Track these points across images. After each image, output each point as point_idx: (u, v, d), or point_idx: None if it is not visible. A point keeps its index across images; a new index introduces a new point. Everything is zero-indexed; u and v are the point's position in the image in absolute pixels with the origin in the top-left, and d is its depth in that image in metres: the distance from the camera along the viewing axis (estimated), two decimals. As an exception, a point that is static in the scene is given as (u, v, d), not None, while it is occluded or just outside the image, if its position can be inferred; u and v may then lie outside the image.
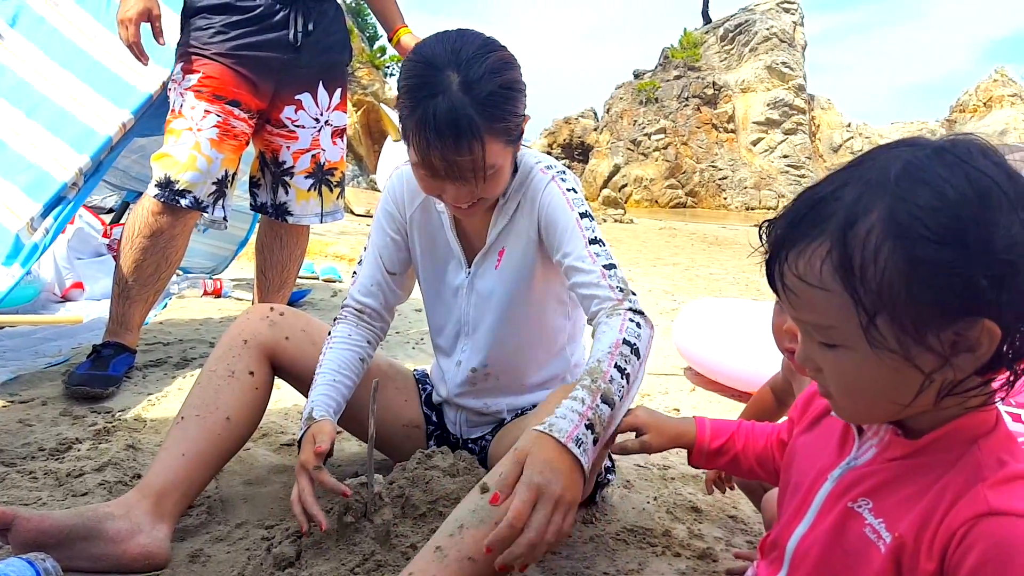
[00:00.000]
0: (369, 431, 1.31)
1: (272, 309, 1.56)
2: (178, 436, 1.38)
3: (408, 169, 1.56)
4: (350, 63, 2.52)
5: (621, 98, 25.21)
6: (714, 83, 24.63)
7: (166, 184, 2.13)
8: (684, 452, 1.16)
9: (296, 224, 2.49)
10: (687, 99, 24.41)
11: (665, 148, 23.75)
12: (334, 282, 4.38)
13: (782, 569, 0.85)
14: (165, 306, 3.33)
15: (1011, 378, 0.70)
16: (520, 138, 1.34)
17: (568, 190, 1.41)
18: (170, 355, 2.53)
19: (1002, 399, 0.72)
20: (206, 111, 2.15)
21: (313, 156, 2.41)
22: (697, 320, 2.87)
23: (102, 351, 2.16)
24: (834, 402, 0.79)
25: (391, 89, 15.79)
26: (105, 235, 3.64)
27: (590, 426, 1.09)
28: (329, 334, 1.52)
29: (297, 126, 2.36)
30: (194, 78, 2.16)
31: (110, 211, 3.91)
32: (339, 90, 2.44)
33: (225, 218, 2.29)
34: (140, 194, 2.46)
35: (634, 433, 1.18)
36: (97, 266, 3.36)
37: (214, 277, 3.81)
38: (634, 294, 1.32)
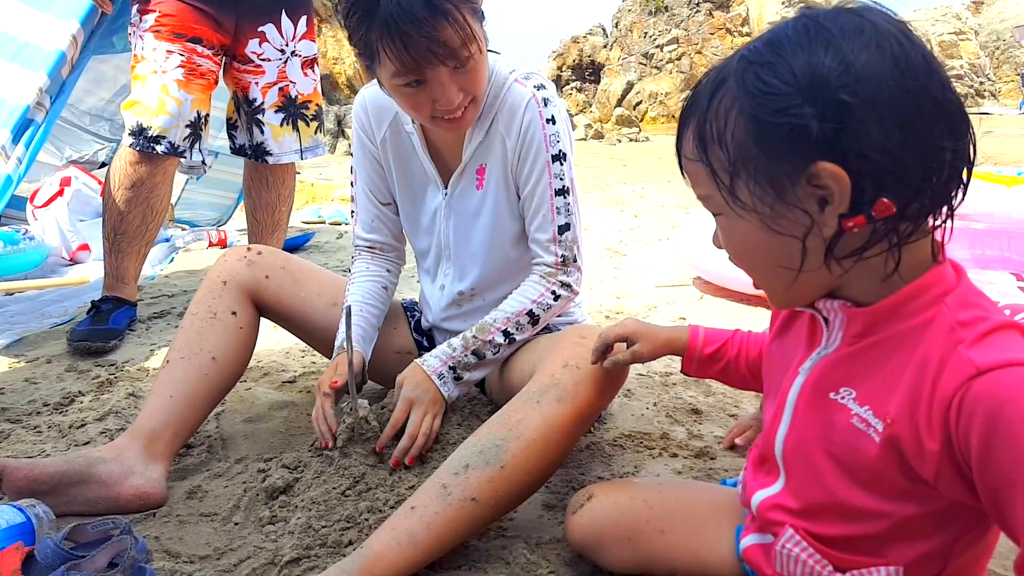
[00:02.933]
0: (348, 357, 1.30)
1: (249, 249, 1.55)
2: (165, 379, 1.38)
3: (369, 93, 1.51)
4: None
5: (629, 10, 24.38)
6: (725, -15, 23.66)
7: (139, 132, 2.10)
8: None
9: (277, 163, 2.44)
10: (698, 4, 23.53)
11: (679, 59, 23.04)
12: (340, 224, 4.36)
13: (779, 476, 0.83)
14: (172, 260, 3.35)
15: (942, 221, 0.70)
16: (483, 18, 1.28)
17: (548, 120, 1.36)
18: (174, 306, 2.55)
19: (893, 243, 0.68)
20: (168, 51, 2.09)
21: (281, 89, 2.34)
22: (703, 228, 2.81)
23: (101, 306, 2.17)
24: (756, 283, 0.80)
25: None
26: (103, 193, 3.64)
27: (453, 368, 1.34)
28: (349, 271, 1.58)
29: (263, 59, 2.29)
30: (151, 18, 2.10)
31: (103, 165, 3.90)
32: (304, 18, 2.35)
33: (204, 162, 2.26)
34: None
35: (625, 344, 1.16)
36: (100, 226, 3.37)
37: (219, 228, 3.81)
38: (575, 261, 1.40)
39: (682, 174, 0.79)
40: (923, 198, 0.66)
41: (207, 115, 2.24)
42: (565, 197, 1.37)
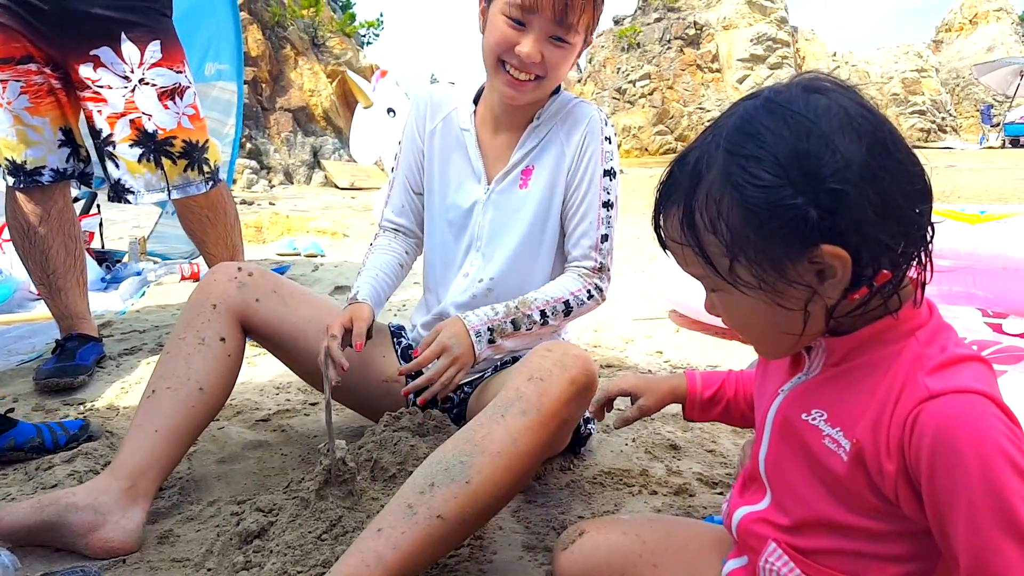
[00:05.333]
0: (325, 397, 1.29)
1: (240, 269, 1.50)
2: (150, 411, 1.33)
3: (433, 89, 1.63)
4: (168, 14, 2.18)
5: (603, 46, 24.83)
6: (695, 23, 24.23)
7: (16, 170, 2.04)
8: None
9: (140, 203, 2.19)
10: (669, 41, 24.04)
11: (651, 94, 23.48)
12: (315, 257, 4.34)
13: (765, 494, 0.85)
14: (143, 294, 3.30)
15: (921, 280, 0.74)
16: (582, 52, 1.45)
17: (606, 138, 1.51)
18: (145, 342, 2.51)
19: (888, 296, 0.73)
20: (2, 82, 1.98)
21: (132, 121, 2.08)
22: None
23: (66, 344, 2.12)
24: (757, 348, 0.84)
25: (365, 57, 15.55)
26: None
27: (491, 330, 1.41)
28: (371, 244, 1.66)
29: (101, 87, 2.05)
30: None
31: (75, 200, 3.84)
32: (155, 43, 2.08)
33: (108, 173, 2.14)
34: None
35: (629, 400, 1.17)
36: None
37: (191, 261, 3.77)
38: (609, 270, 1.52)
39: (663, 250, 0.81)
40: (908, 256, 0.71)
41: (94, 129, 2.11)
42: (609, 210, 1.50)
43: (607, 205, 1.49)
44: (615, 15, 25.87)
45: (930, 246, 0.72)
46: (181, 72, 2.16)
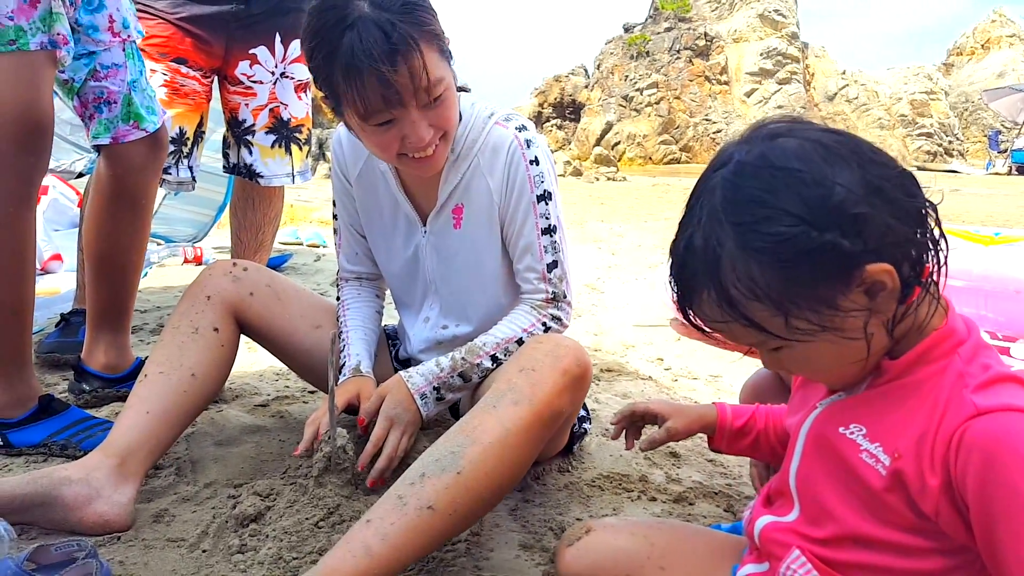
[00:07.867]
0: (329, 384, 1.28)
1: (235, 264, 1.52)
2: (142, 394, 1.34)
3: (346, 130, 1.47)
4: None
5: (612, 53, 24.87)
6: (706, 34, 24.27)
7: None
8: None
9: (267, 186, 2.41)
10: (678, 52, 24.08)
11: (657, 103, 23.52)
12: (318, 247, 4.33)
13: (794, 507, 0.85)
14: (145, 275, 3.29)
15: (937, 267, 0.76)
16: (451, 57, 1.26)
17: (531, 162, 1.37)
18: (147, 322, 2.50)
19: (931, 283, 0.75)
20: (151, 70, 2.06)
21: (272, 110, 2.30)
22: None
23: (71, 319, 2.12)
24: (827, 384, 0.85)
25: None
26: (80, 204, 3.57)
27: (437, 388, 1.33)
28: (338, 299, 1.58)
29: (254, 81, 2.26)
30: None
31: (80, 176, 3.83)
32: (297, 42, 2.30)
33: (194, 178, 2.23)
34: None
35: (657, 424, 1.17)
36: (75, 237, 3.31)
37: (195, 245, 3.77)
38: (565, 297, 1.42)
39: (704, 333, 0.82)
40: (927, 247, 0.74)
41: (198, 133, 2.22)
42: (552, 235, 1.39)
43: (548, 231, 1.38)
44: (625, 23, 25.87)
45: (941, 244, 0.75)
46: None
